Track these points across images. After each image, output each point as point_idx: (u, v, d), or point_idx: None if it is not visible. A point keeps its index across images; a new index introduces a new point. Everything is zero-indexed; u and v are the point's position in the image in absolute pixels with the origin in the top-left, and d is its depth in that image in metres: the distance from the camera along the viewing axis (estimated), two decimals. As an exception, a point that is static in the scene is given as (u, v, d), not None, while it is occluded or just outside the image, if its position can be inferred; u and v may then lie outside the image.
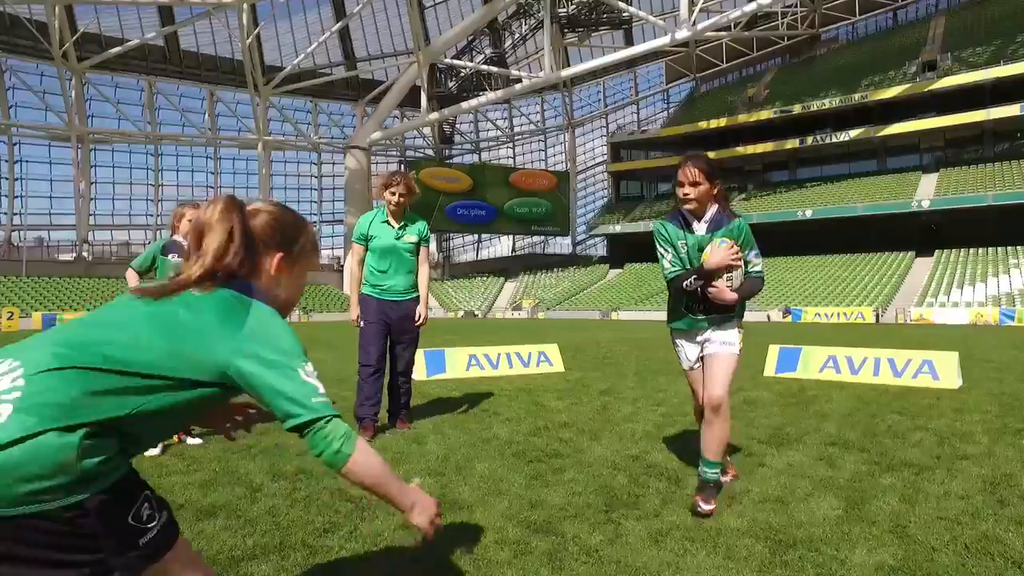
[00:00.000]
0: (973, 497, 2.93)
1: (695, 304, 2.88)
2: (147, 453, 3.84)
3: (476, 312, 48.97)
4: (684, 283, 2.79)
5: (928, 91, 43.08)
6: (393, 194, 4.50)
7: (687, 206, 2.84)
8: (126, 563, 1.06)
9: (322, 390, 1.20)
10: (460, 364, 7.77)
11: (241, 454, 3.85)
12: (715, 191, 2.85)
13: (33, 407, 1.02)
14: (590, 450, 3.92)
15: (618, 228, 54.08)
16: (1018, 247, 37.12)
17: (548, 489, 3.09)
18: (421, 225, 4.71)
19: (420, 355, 7.64)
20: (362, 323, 4.53)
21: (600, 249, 61.01)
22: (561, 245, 63.42)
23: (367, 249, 4.58)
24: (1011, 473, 3.32)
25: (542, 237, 61.65)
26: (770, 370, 7.85)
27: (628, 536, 2.50)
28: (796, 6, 53.67)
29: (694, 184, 2.79)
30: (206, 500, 2.94)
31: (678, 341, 3.04)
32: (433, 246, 63.80)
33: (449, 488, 3.11)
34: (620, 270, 53.51)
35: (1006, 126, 42.58)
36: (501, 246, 63.55)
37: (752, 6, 36.55)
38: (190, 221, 4.29)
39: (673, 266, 2.87)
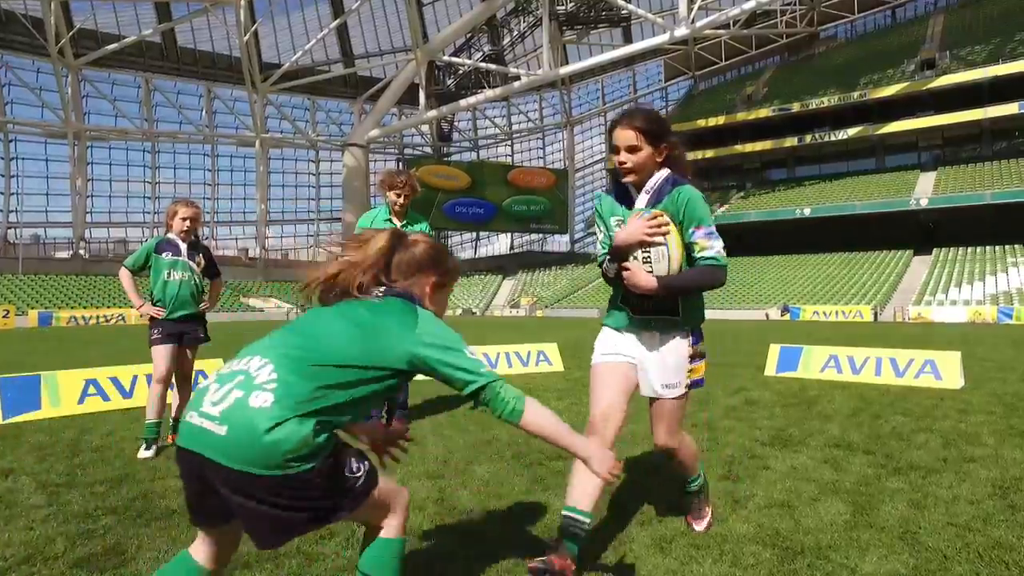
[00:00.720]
0: (983, 502, 2.87)
1: (630, 297, 2.25)
2: (140, 455, 3.77)
3: (474, 310, 48.89)
4: (605, 267, 2.25)
5: (926, 89, 43.07)
6: (399, 195, 4.47)
7: (626, 178, 2.24)
8: (349, 503, 1.46)
9: (485, 363, 1.55)
10: (459, 363, 7.69)
11: (236, 456, 3.78)
12: (661, 156, 2.21)
13: (285, 397, 1.37)
14: (591, 452, 3.85)
15: (616, 226, 53.97)
16: (1016, 245, 37.13)
17: (549, 493, 3.03)
18: (423, 225, 4.68)
19: (418, 354, 7.58)
20: None
21: (598, 247, 60.89)
22: (559, 243, 63.36)
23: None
24: (1021, 477, 3.26)
25: (540, 235, 61.55)
26: (771, 369, 7.80)
27: (632, 543, 2.44)
28: (795, 4, 53.59)
29: (631, 149, 2.17)
30: (200, 505, 2.87)
31: (605, 328, 2.41)
32: (431, 244, 64.17)
33: (448, 492, 3.05)
34: (618, 268, 53.46)
35: (1004, 125, 42.59)
36: (499, 244, 63.48)
37: (751, 4, 36.46)
38: (183, 219, 4.22)
39: (603, 247, 2.32)
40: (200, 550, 1.53)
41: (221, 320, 35.30)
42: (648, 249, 2.09)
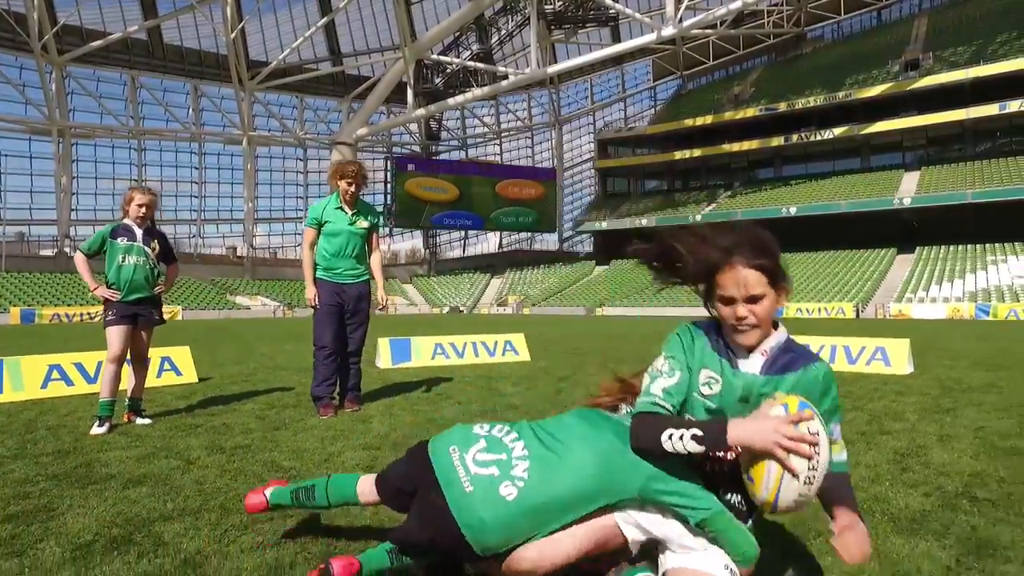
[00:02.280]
0: (880, 466, 3.05)
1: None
2: (92, 432, 3.90)
3: (461, 308, 49.02)
4: (664, 435, 1.48)
5: (910, 90, 43.58)
6: (350, 184, 4.63)
7: (744, 339, 1.58)
8: None
9: (707, 494, 1.58)
10: (426, 352, 7.84)
11: (186, 432, 3.92)
12: (782, 297, 1.59)
13: (525, 499, 1.52)
14: (530, 428, 4.01)
15: (604, 225, 54.25)
16: (995, 244, 37.69)
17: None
18: (372, 213, 4.83)
19: (386, 343, 7.74)
20: (318, 305, 4.64)
21: (587, 245, 61.23)
22: (548, 242, 63.60)
23: (319, 234, 4.68)
24: (924, 445, 3.45)
25: (529, 234, 61.74)
26: (731, 358, 7.98)
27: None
28: (782, 4, 54.02)
29: (754, 299, 1.54)
30: (139, 471, 3.01)
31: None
32: (420, 243, 63.50)
33: (380, 461, 3.19)
34: (606, 266, 53.73)
35: (985, 125, 43.18)
36: (488, 243, 63.63)
37: (737, 4, 36.72)
38: (139, 205, 4.34)
39: (668, 397, 1.58)
40: (365, 490, 1.90)
41: (208, 317, 35.25)
42: (814, 466, 1.39)
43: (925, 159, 45.78)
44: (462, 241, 63.50)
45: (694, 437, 1.45)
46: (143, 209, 4.34)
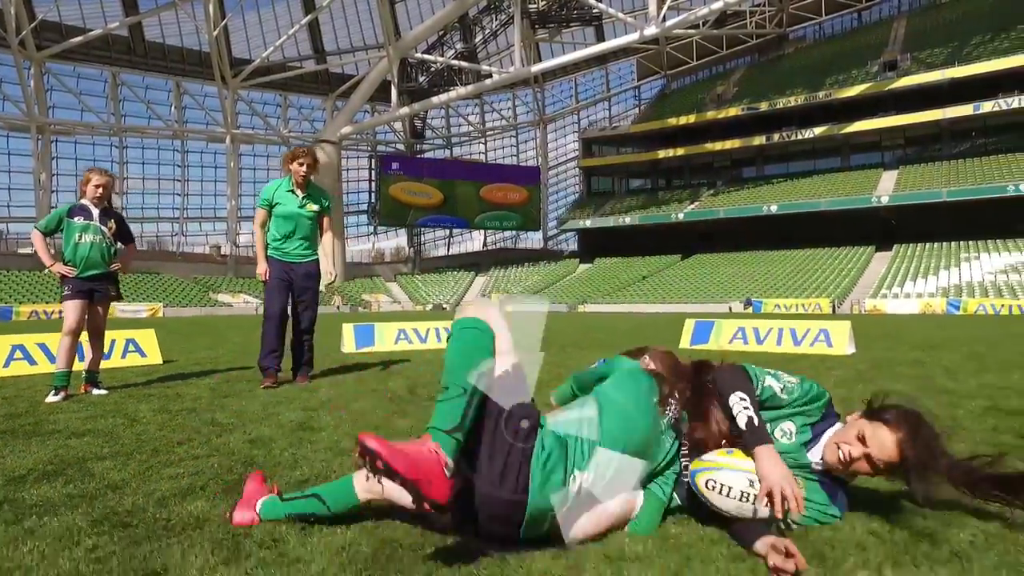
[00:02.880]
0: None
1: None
2: (47, 400, 4.08)
3: (444, 305, 49.17)
4: (739, 394, 1.74)
5: (888, 90, 44.36)
6: (301, 165, 4.86)
7: (831, 463, 1.74)
8: None
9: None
10: (389, 338, 8.06)
11: (138, 399, 4.11)
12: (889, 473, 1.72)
13: None
14: (467, 395, 4.24)
15: (588, 223, 54.67)
16: (969, 241, 38.49)
17: (404, 420, 3.41)
18: (324, 197, 5.05)
19: (350, 329, 7.94)
20: (268, 279, 4.86)
21: (571, 243, 61.62)
22: (532, 240, 63.93)
23: (270, 215, 4.90)
24: (823, 404, 3.72)
25: (513, 232, 62.02)
26: (685, 342, 8.28)
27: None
28: (764, 5, 54.70)
29: (875, 463, 1.67)
30: (84, 427, 3.21)
31: None
32: (404, 240, 63.37)
33: (313, 419, 3.41)
34: (589, 264, 54.14)
35: (962, 125, 44.07)
36: (473, 242, 63.81)
37: (719, 4, 37.21)
38: (96, 186, 4.53)
39: (761, 393, 1.81)
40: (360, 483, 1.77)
41: (191, 315, 35.17)
42: (749, 498, 1.62)
43: (903, 158, 46.63)
44: (447, 240, 63.65)
45: (748, 421, 1.68)
46: (100, 190, 4.53)
